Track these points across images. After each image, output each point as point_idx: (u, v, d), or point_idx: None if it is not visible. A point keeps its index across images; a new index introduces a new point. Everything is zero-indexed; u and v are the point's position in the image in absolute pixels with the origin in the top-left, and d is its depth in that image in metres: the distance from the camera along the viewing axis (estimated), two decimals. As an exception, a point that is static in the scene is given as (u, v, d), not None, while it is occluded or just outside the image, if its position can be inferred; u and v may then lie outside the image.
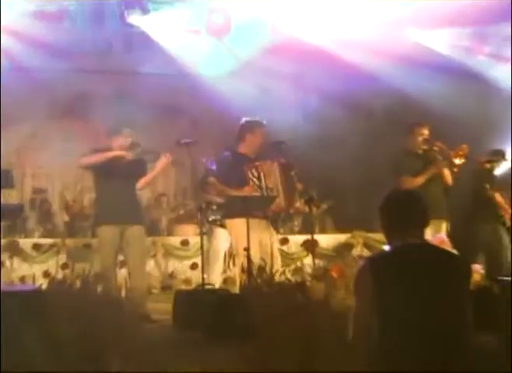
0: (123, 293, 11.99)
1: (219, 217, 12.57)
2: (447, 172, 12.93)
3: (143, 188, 12.43)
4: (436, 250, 6.84)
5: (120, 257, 12.64)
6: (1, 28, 14.59)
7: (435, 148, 12.98)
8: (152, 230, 14.92)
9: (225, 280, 14.00)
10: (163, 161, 12.13)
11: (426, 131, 13.07)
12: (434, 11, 15.90)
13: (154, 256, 14.33)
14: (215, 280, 12.75)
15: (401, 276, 6.33)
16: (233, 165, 12.19)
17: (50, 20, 15.76)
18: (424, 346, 6.20)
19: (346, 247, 15.05)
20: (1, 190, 13.52)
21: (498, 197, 14.50)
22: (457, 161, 12.78)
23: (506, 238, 14.23)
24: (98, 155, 11.89)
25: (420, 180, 12.61)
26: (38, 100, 15.12)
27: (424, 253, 6.52)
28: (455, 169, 12.89)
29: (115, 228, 11.97)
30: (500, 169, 14.89)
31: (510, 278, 10.85)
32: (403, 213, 6.60)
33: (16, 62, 15.33)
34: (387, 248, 6.68)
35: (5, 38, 14.96)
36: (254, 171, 12.21)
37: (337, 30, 16.62)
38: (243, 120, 12.68)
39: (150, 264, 14.12)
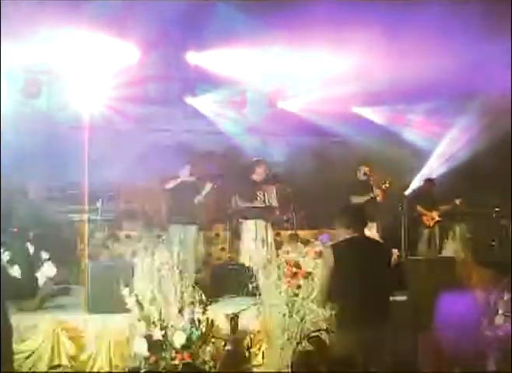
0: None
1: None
2: (378, 194, 13.09)
3: (199, 202, 12.60)
4: (371, 240, 7.16)
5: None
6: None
7: (371, 179, 13.19)
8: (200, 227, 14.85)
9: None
10: (209, 186, 12.46)
11: (366, 168, 13.35)
12: (371, 92, 15.96)
13: (198, 243, 14.26)
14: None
15: (351, 255, 6.60)
16: (248, 187, 12.36)
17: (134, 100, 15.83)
18: (364, 295, 6.48)
19: (315, 238, 14.98)
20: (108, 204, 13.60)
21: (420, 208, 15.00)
22: (384, 187, 13.07)
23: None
24: (172, 181, 12.34)
25: (362, 199, 12.75)
26: (125, 148, 15.09)
27: (364, 242, 6.88)
28: (383, 192, 13.12)
29: (179, 226, 12.32)
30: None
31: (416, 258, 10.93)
32: (352, 218, 6.81)
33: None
34: (341, 239, 6.86)
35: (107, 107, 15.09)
36: (260, 191, 12.39)
37: (308, 104, 16.77)
38: (253, 159, 12.85)
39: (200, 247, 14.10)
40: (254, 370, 8.54)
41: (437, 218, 15.06)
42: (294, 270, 8.80)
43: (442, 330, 7.37)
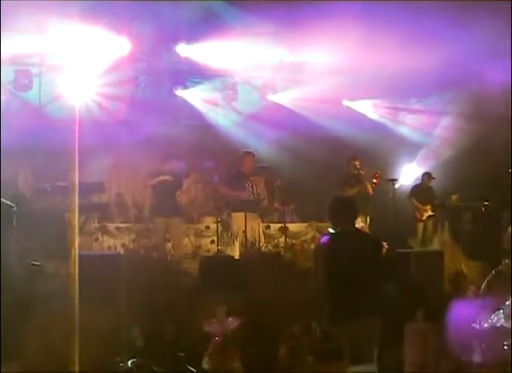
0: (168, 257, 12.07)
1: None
2: (368, 187, 13.08)
3: (181, 194, 12.72)
4: (361, 233, 7.15)
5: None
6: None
7: (362, 172, 13.15)
8: (188, 220, 14.79)
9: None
10: (191, 178, 12.42)
11: (357, 162, 13.34)
12: (362, 85, 15.98)
13: (188, 235, 14.22)
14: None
15: (341, 248, 6.48)
16: (237, 179, 12.33)
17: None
18: (355, 288, 6.45)
19: (305, 231, 14.99)
20: (96, 194, 13.55)
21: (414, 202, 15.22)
22: (374, 180, 13.05)
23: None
24: (155, 179, 12.23)
25: (353, 191, 12.72)
26: (116, 140, 15.07)
27: (354, 235, 6.80)
28: (373, 185, 13.13)
29: (164, 219, 12.20)
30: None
31: (404, 250, 10.96)
32: (342, 211, 6.76)
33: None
34: (332, 231, 6.82)
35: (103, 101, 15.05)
36: (249, 183, 12.43)
37: (299, 97, 16.80)
38: (242, 151, 12.84)
39: (186, 241, 14.01)
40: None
41: (430, 213, 15.12)
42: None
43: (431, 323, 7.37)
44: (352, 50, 14.48)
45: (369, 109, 17.61)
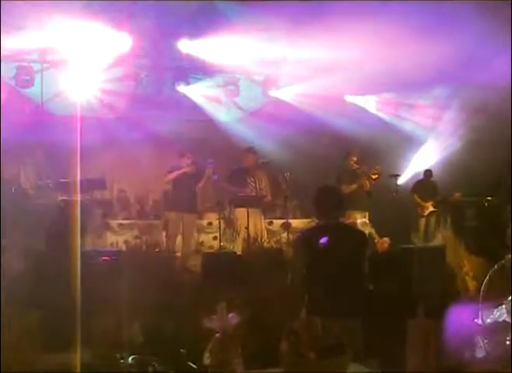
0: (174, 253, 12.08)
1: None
2: (367, 183, 13.07)
3: (201, 187, 12.85)
4: (344, 227, 6.87)
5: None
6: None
7: (359, 168, 13.16)
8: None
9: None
10: (208, 173, 12.59)
11: (354, 157, 13.35)
12: (365, 80, 15.92)
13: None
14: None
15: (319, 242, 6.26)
16: (239, 175, 12.34)
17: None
18: (335, 286, 6.23)
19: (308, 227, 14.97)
20: (98, 191, 13.56)
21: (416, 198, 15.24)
22: (373, 176, 13.02)
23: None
24: (175, 173, 12.46)
25: (351, 188, 12.73)
26: (117, 137, 15.07)
27: (336, 229, 6.46)
28: (372, 182, 13.12)
29: (179, 214, 12.52)
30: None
31: (407, 246, 10.95)
32: (325, 200, 6.54)
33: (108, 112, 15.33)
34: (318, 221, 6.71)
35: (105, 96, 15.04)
36: (251, 178, 12.41)
37: (302, 93, 16.80)
38: (244, 147, 12.84)
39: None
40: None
41: (431, 209, 15.10)
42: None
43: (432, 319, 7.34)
44: (355, 46, 14.46)
45: (372, 104, 17.62)
